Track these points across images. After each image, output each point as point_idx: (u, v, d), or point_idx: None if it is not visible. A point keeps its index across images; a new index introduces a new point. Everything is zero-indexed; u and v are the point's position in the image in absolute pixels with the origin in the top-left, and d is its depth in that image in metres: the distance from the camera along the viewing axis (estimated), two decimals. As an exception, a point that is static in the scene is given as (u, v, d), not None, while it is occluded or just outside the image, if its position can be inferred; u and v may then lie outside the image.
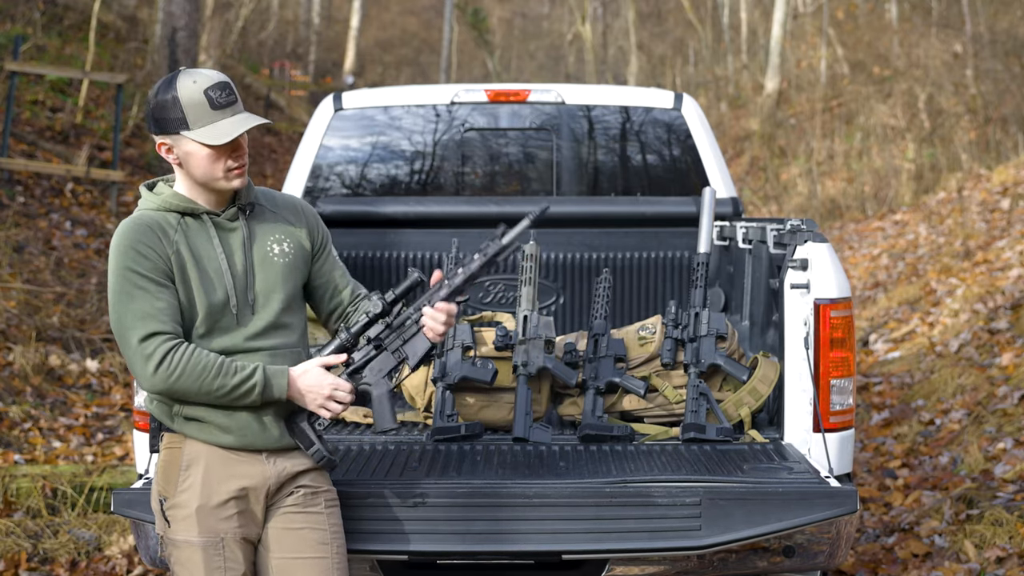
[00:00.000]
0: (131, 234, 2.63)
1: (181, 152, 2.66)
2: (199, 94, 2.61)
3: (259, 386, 2.64)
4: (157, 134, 2.68)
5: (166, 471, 2.72)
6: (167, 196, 2.71)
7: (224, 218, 2.73)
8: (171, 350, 2.58)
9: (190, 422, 2.69)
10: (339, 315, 2.94)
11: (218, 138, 2.61)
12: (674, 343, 3.84)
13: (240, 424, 2.69)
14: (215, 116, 2.62)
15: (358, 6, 28.12)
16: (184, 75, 2.64)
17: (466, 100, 4.92)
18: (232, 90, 2.66)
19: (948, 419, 6.29)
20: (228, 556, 2.68)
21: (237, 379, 2.62)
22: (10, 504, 5.29)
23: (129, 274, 2.60)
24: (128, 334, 2.60)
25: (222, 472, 2.69)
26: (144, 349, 2.58)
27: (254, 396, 2.64)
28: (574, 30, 32.70)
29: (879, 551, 4.80)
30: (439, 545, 3.03)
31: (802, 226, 3.67)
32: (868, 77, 19.22)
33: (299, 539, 2.76)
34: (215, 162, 2.65)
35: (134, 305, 2.59)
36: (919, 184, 13.86)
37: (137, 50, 15.87)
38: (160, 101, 2.63)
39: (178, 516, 2.68)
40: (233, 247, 2.73)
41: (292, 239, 2.82)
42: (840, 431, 3.47)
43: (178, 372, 2.58)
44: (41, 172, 11.07)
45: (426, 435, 3.68)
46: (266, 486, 2.73)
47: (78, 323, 8.13)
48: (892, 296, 9.28)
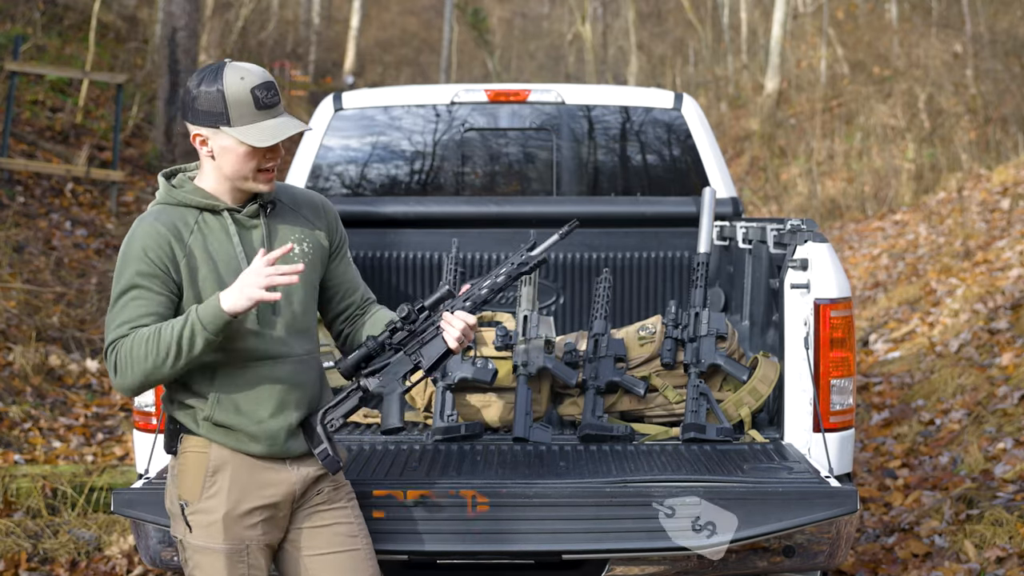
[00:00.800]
0: (142, 239, 2.58)
1: (216, 146, 2.60)
2: (246, 92, 2.55)
3: (195, 321, 2.49)
4: (193, 124, 2.62)
5: (190, 475, 2.66)
6: (188, 191, 2.65)
7: (244, 215, 2.67)
8: (117, 348, 2.53)
9: (217, 428, 2.64)
10: (347, 318, 2.91)
11: (261, 140, 2.56)
12: (674, 343, 3.84)
13: (270, 433, 2.65)
14: (258, 116, 2.56)
15: (358, 6, 28.12)
16: (231, 69, 2.57)
17: (466, 100, 4.92)
18: (276, 90, 2.60)
19: (948, 419, 6.29)
20: (252, 564, 2.66)
21: (175, 331, 2.49)
22: (10, 504, 5.29)
23: (132, 278, 2.56)
24: (106, 339, 2.58)
25: (249, 480, 2.65)
26: (109, 361, 2.56)
27: (198, 335, 2.49)
28: (574, 30, 32.70)
29: (879, 551, 4.80)
30: (439, 545, 3.03)
31: (802, 226, 3.67)
32: (868, 77, 19.22)
33: (331, 534, 2.75)
34: (249, 161, 2.59)
35: (121, 314, 2.55)
36: (919, 184, 13.86)
37: (137, 50, 15.87)
38: (204, 93, 2.56)
39: (202, 522, 2.64)
40: (253, 245, 2.67)
41: (311, 239, 2.78)
42: (840, 431, 3.47)
43: (128, 361, 2.51)
44: (41, 172, 11.07)
45: (426, 435, 3.68)
46: (292, 493, 2.71)
47: (78, 323, 8.13)
48: (892, 296, 9.28)
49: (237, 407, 2.63)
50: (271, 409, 2.66)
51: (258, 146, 2.56)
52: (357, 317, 2.91)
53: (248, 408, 2.64)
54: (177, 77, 12.95)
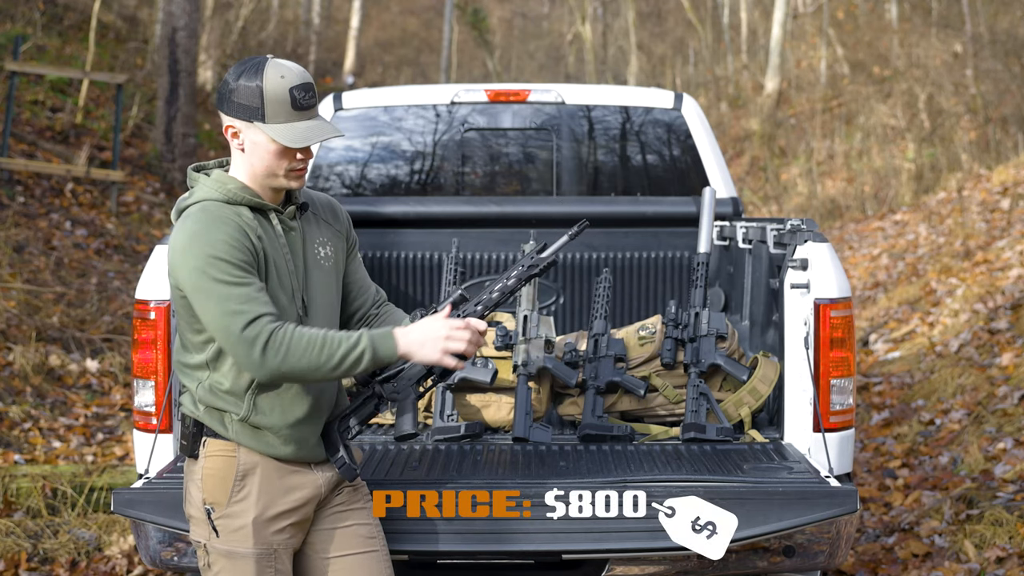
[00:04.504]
0: (215, 225, 2.53)
1: (248, 140, 2.59)
2: (284, 91, 2.54)
3: (368, 352, 2.53)
4: (228, 115, 2.60)
5: (217, 479, 2.64)
6: (235, 188, 2.62)
7: (287, 216, 2.67)
8: (275, 331, 2.48)
9: (247, 431, 2.62)
10: (361, 317, 2.90)
11: (295, 141, 2.55)
12: (674, 343, 3.84)
13: (300, 437, 2.65)
14: (293, 116, 2.56)
15: (358, 6, 28.12)
16: (272, 66, 2.56)
17: (466, 100, 4.92)
18: (314, 92, 2.60)
19: (948, 419, 6.29)
20: (279, 568, 2.65)
21: (343, 349, 2.51)
22: (10, 504, 5.29)
23: (219, 263, 2.49)
24: (230, 323, 2.48)
25: (278, 484, 2.65)
26: (248, 335, 2.47)
27: (364, 363, 2.53)
28: (574, 30, 32.69)
29: (879, 551, 4.80)
30: (439, 545, 3.03)
31: (802, 226, 3.67)
32: (868, 77, 19.22)
33: (351, 536, 2.75)
34: (280, 159, 2.59)
35: (232, 291, 2.48)
36: (919, 184, 13.87)
37: (137, 50, 15.88)
38: (242, 87, 2.55)
39: (230, 526, 2.63)
40: (294, 247, 2.67)
41: (333, 242, 2.79)
42: (840, 431, 3.47)
43: (284, 351, 2.48)
44: (41, 172, 11.07)
45: (426, 435, 3.68)
46: (318, 495, 2.71)
47: (78, 323, 8.13)
48: (892, 296, 9.28)
49: (273, 409, 2.62)
50: (304, 412, 2.65)
51: (290, 146, 2.56)
52: (372, 317, 2.91)
53: (284, 411, 2.63)
54: (177, 77, 12.95)
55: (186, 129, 13.07)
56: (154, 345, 3.49)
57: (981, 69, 15.29)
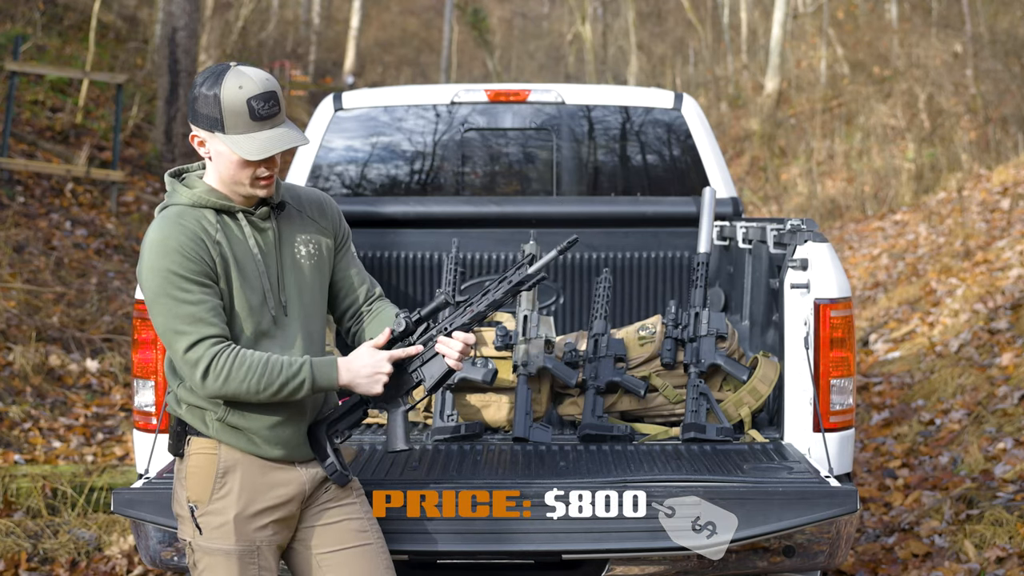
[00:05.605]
0: (171, 234, 2.52)
1: (213, 149, 2.58)
2: (241, 102, 2.50)
3: (307, 382, 2.57)
4: (193, 124, 2.58)
5: (199, 477, 2.64)
6: (202, 191, 2.61)
7: (258, 217, 2.66)
8: (216, 355, 2.51)
9: (228, 430, 2.63)
10: (352, 314, 2.89)
11: (251, 152, 2.52)
12: (674, 343, 3.84)
13: (283, 438, 2.65)
14: (253, 127, 2.52)
15: (358, 6, 28.12)
16: (232, 75, 2.51)
17: (466, 100, 4.92)
18: (276, 101, 2.54)
19: (948, 419, 6.29)
20: (262, 565, 2.65)
21: (283, 377, 2.55)
22: (10, 504, 5.29)
23: (172, 277, 2.50)
24: (174, 341, 2.52)
25: (260, 481, 2.65)
26: (190, 357, 2.50)
27: (304, 391, 2.58)
28: (574, 30, 32.70)
29: (879, 551, 4.80)
30: (439, 545, 3.03)
31: (802, 226, 3.67)
32: (868, 77, 19.23)
33: (341, 531, 2.74)
34: (243, 169, 2.56)
35: (179, 310, 2.50)
36: (919, 184, 13.87)
37: (137, 50, 15.88)
38: (201, 95, 2.52)
39: (212, 524, 2.63)
40: (267, 248, 2.66)
41: (317, 240, 2.76)
42: (840, 431, 3.47)
43: (224, 375, 2.51)
44: (41, 172, 11.07)
45: (426, 435, 3.68)
46: (302, 492, 2.70)
47: (78, 323, 8.13)
48: (892, 296, 9.28)
49: (251, 409, 2.62)
50: (285, 414, 2.65)
51: (248, 158, 2.52)
52: (364, 315, 2.89)
53: (262, 411, 2.63)
54: (177, 77, 12.95)
55: (186, 129, 13.06)
56: (154, 345, 3.49)
57: (981, 69, 15.29)
